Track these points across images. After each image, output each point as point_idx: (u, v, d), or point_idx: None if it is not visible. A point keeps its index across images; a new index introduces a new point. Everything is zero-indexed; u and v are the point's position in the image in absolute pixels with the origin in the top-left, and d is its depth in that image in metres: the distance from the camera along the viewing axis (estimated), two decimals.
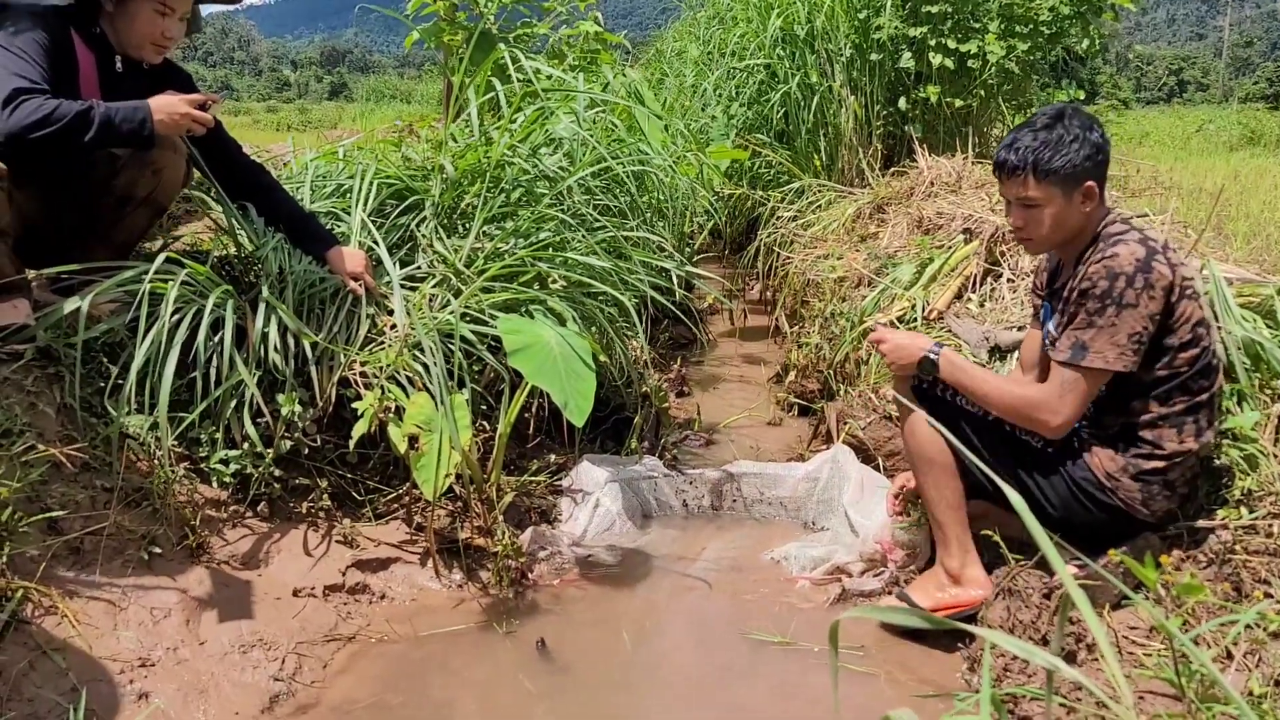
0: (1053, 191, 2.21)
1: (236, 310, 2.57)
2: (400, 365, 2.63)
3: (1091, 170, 2.21)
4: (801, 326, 4.66)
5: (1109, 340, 2.13)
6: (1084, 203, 2.23)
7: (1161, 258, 2.14)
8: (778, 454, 3.66)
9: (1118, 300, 2.11)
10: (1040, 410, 2.19)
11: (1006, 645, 1.05)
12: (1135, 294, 2.11)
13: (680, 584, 2.77)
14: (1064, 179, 2.20)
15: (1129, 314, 2.11)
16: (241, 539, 2.50)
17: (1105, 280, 2.12)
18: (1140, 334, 2.12)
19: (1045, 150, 2.20)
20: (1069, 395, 2.17)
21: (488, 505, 2.74)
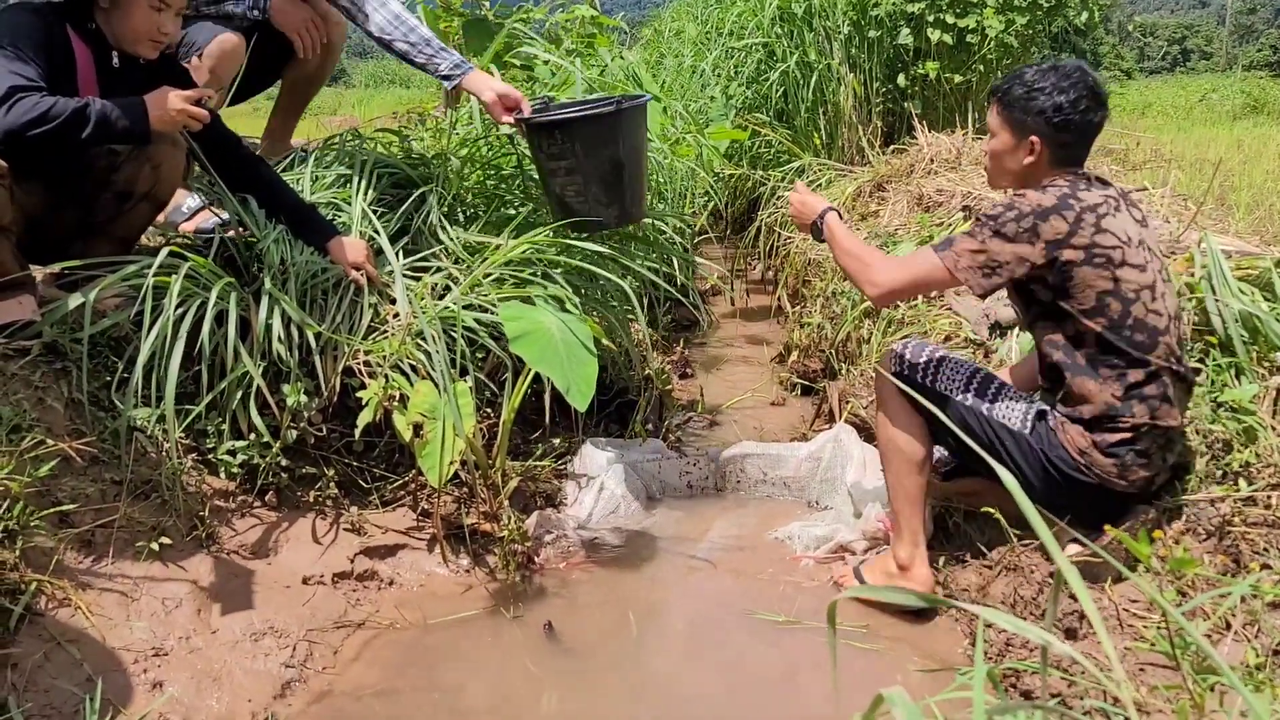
0: (1002, 126, 2.30)
1: (240, 302, 2.58)
2: (403, 354, 2.65)
3: (1042, 129, 2.24)
4: (803, 306, 4.67)
5: (969, 251, 2.21)
6: (1026, 156, 2.27)
7: (1069, 214, 2.14)
8: (781, 434, 3.67)
9: (998, 227, 2.19)
10: (871, 271, 2.32)
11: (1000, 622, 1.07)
12: (1015, 229, 2.17)
13: (685, 565, 2.80)
14: (1014, 121, 2.27)
15: (997, 243, 2.18)
16: (250, 529, 2.53)
17: (1001, 207, 2.20)
18: (998, 267, 2.18)
19: (1017, 87, 2.27)
20: (904, 268, 2.28)
21: (493, 491, 2.76)
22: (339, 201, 3.13)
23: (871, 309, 3.77)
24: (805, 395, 4.15)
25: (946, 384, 2.39)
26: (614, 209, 3.00)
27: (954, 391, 2.38)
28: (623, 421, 3.50)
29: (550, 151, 2.93)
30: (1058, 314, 2.21)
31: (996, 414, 2.33)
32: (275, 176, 2.89)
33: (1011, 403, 2.33)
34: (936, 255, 2.25)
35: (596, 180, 2.93)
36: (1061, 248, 2.15)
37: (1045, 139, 2.24)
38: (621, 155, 2.92)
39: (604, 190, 2.95)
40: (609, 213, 3.00)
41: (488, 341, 2.83)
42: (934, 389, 2.39)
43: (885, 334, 3.61)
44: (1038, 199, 2.17)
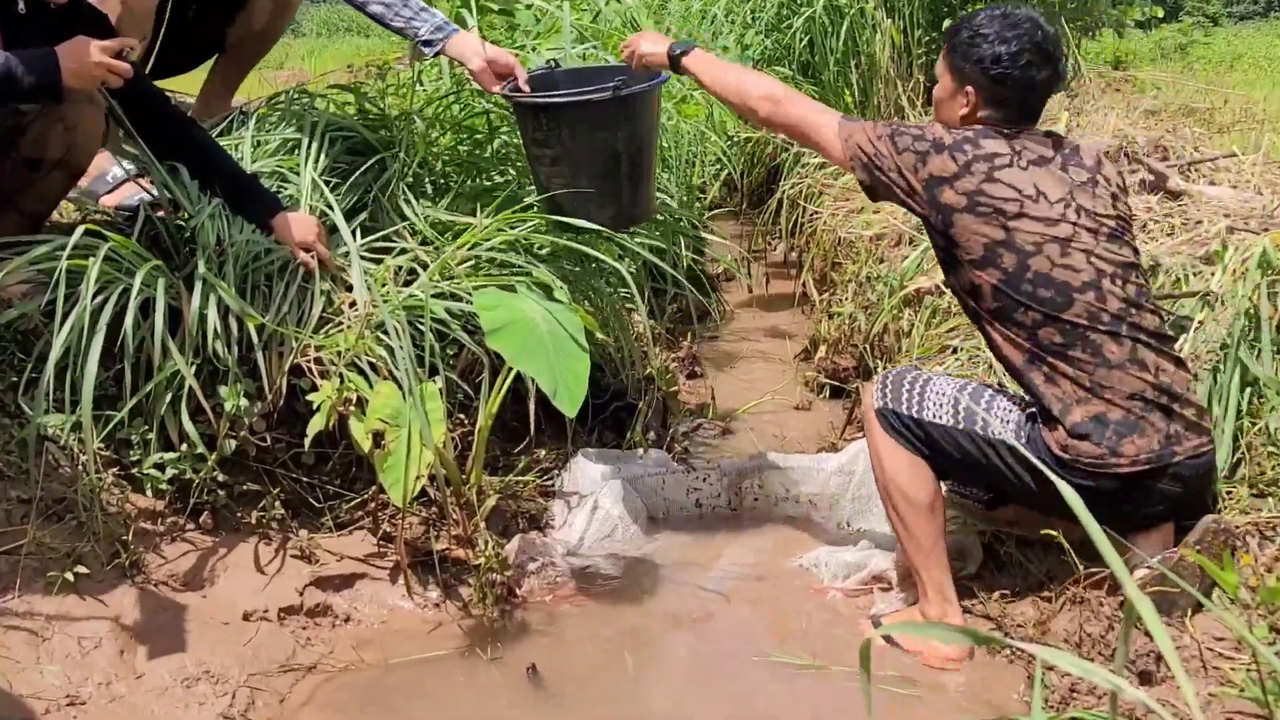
0: (945, 71, 2.50)
1: (169, 290, 2.58)
2: (361, 350, 2.65)
3: (979, 79, 2.42)
4: (832, 293, 4.67)
5: (866, 134, 2.46)
6: (962, 107, 2.46)
7: (960, 157, 2.36)
8: (806, 444, 3.68)
9: (897, 134, 2.43)
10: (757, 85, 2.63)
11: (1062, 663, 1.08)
12: (908, 143, 2.41)
13: (693, 597, 2.80)
14: (955, 68, 2.46)
15: (889, 145, 2.43)
16: (182, 555, 2.53)
17: (911, 124, 2.47)
18: (878, 169, 2.44)
19: (964, 30, 2.46)
20: (804, 104, 2.61)
21: (467, 511, 2.76)
22: (285, 171, 3.13)
23: (912, 296, 3.77)
24: (835, 398, 4.15)
25: (934, 410, 2.44)
26: (608, 209, 2.98)
27: (943, 417, 2.43)
28: (620, 429, 3.50)
29: (535, 136, 2.93)
30: (953, 262, 2.42)
31: (993, 430, 2.38)
32: (210, 141, 2.89)
33: (1005, 412, 2.40)
34: (839, 119, 2.53)
35: (587, 174, 2.91)
36: (942, 186, 2.36)
37: (980, 91, 2.43)
38: (619, 146, 2.88)
39: (596, 185, 2.93)
40: (601, 213, 2.98)
41: (461, 335, 2.83)
42: (921, 419, 2.44)
43: (929, 325, 3.61)
44: (942, 133, 2.41)
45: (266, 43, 3.75)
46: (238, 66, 3.73)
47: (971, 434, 2.39)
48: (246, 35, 3.62)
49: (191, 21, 3.42)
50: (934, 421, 2.43)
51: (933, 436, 2.43)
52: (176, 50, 3.34)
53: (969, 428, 2.40)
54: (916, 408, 2.45)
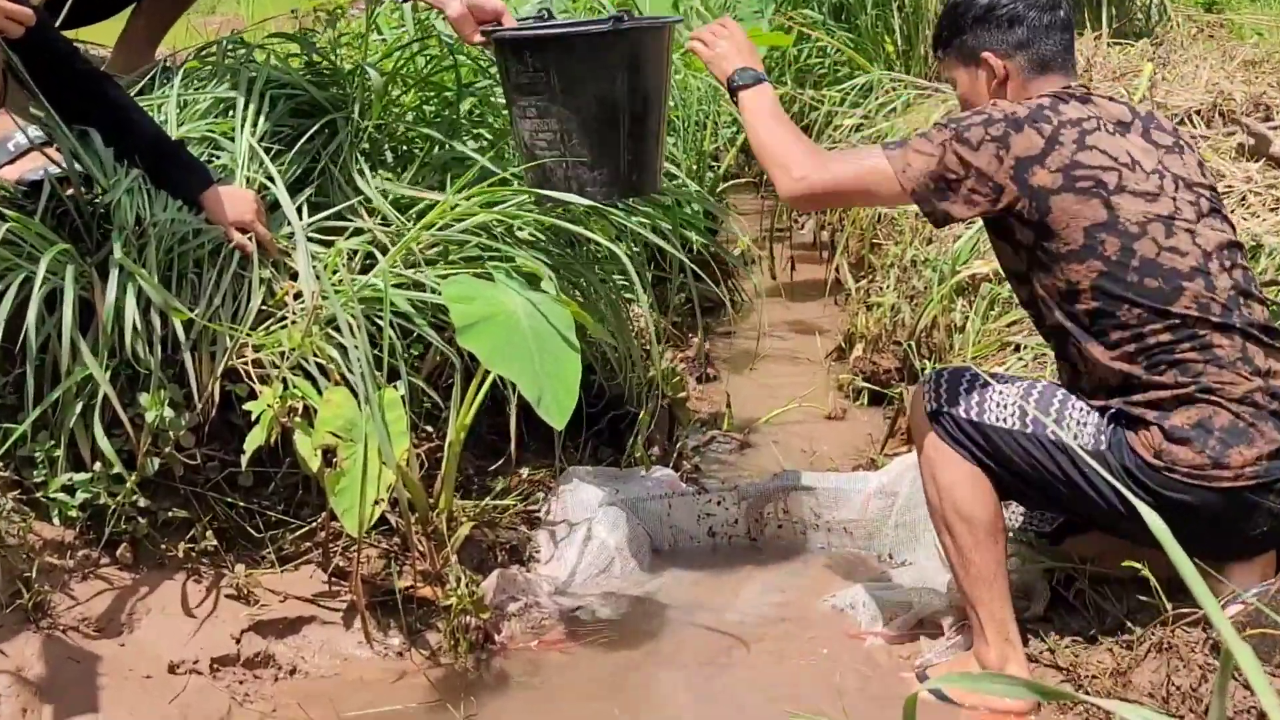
0: (954, 67, 2.57)
1: (80, 278, 2.57)
2: (308, 350, 2.65)
3: (985, 37, 2.48)
4: (871, 280, 4.67)
5: (923, 154, 2.39)
6: (991, 81, 2.49)
7: (1045, 126, 2.34)
8: (840, 460, 3.68)
9: (961, 130, 2.37)
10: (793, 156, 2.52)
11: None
12: (982, 135, 2.36)
13: (705, 644, 2.79)
14: (958, 51, 2.53)
15: (959, 150, 2.36)
16: (95, 595, 2.52)
17: (968, 113, 2.42)
18: (955, 183, 2.38)
19: (944, 19, 2.56)
20: (839, 162, 2.54)
21: (436, 542, 2.76)
22: (217, 136, 3.13)
23: (966, 284, 3.77)
24: (874, 405, 4.15)
25: (997, 414, 2.44)
26: (601, 171, 2.89)
27: (1007, 421, 2.42)
28: (618, 443, 3.50)
29: (519, 82, 2.87)
30: (1043, 262, 2.40)
31: (1067, 435, 2.37)
32: (128, 101, 2.89)
33: (1081, 414, 2.39)
34: (885, 153, 2.44)
35: (579, 130, 2.85)
36: (1032, 168, 2.34)
37: (999, 50, 2.47)
38: (620, 96, 2.83)
39: (589, 143, 2.87)
40: (594, 177, 2.89)
41: (427, 332, 2.83)
42: (982, 424, 2.43)
43: (985, 318, 3.61)
44: (1011, 107, 2.39)
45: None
46: (162, 13, 3.72)
47: (1041, 440, 2.38)
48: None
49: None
50: (997, 426, 2.42)
51: (996, 444, 2.42)
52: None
53: (1038, 432, 2.39)
54: (976, 410, 2.44)
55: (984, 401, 2.45)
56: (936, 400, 2.49)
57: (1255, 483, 2.25)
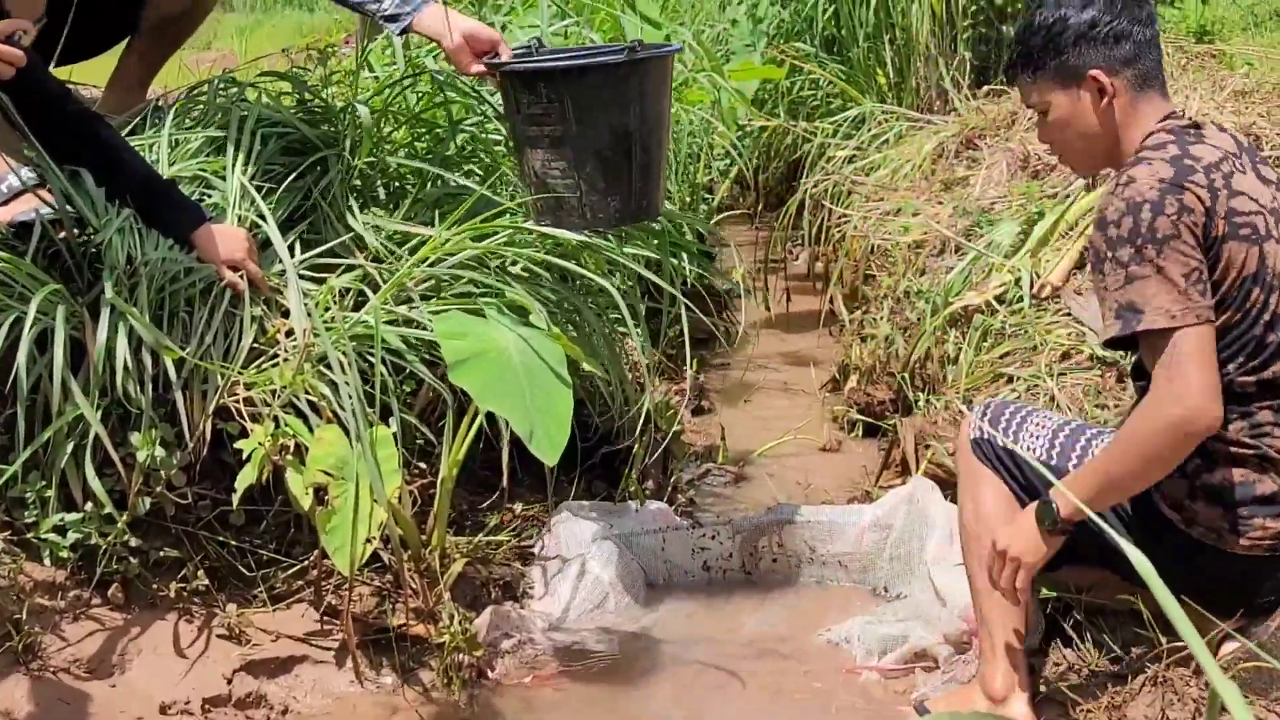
0: (1050, 90, 2.36)
1: (71, 318, 2.58)
2: (300, 388, 2.65)
3: (1090, 55, 2.31)
4: (865, 311, 4.67)
5: (1162, 289, 2.13)
6: (1099, 101, 2.32)
7: (1201, 177, 2.19)
8: (835, 493, 3.67)
9: (1150, 236, 2.14)
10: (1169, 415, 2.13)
11: None
12: (1171, 222, 2.15)
13: (700, 679, 2.78)
14: (1057, 72, 2.33)
15: (1172, 249, 2.14)
16: (86, 636, 2.51)
17: (1128, 216, 2.16)
18: (1198, 269, 2.16)
19: (1033, 40, 2.35)
20: (1177, 372, 2.12)
21: (428, 579, 2.75)
22: (209, 175, 3.14)
23: (959, 315, 3.77)
24: (869, 437, 4.15)
25: (1029, 443, 2.47)
26: (614, 199, 2.92)
27: (1037, 449, 2.45)
28: (612, 477, 3.50)
29: (531, 113, 2.88)
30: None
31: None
32: (119, 141, 2.90)
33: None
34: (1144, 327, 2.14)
35: (593, 158, 2.86)
36: (1212, 219, 2.18)
37: (1105, 67, 2.32)
38: (632, 125, 2.85)
39: (603, 174, 2.88)
40: (607, 205, 2.92)
41: (419, 369, 2.83)
42: (1015, 454, 2.46)
43: (979, 350, 3.61)
44: (1150, 172, 2.20)
45: (189, 24, 3.76)
46: (154, 52, 3.74)
47: (1062, 472, 2.38)
48: (165, 15, 3.63)
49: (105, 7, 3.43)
50: (1026, 455, 2.44)
51: (1026, 473, 2.45)
52: (81, 33, 3.34)
53: (1061, 464, 2.40)
54: (1012, 438, 2.48)
55: (1020, 431, 2.48)
56: (980, 429, 2.52)
57: (1269, 554, 2.23)
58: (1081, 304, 3.40)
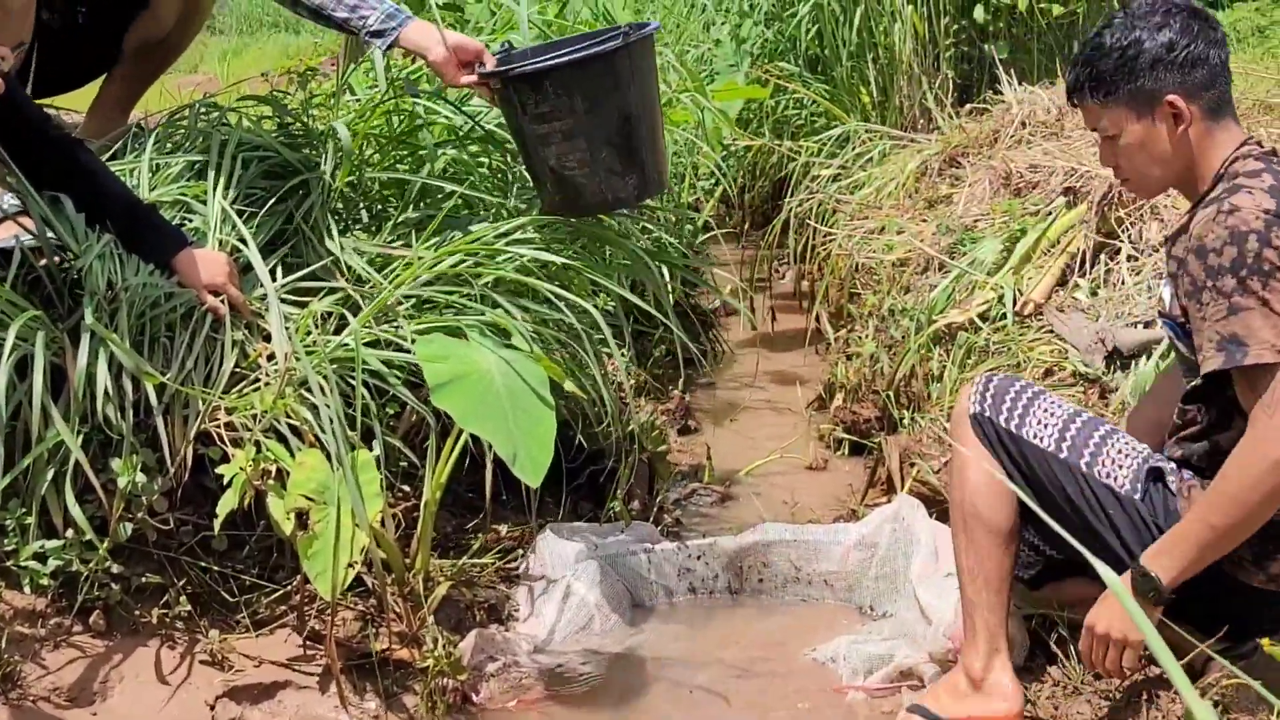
0: (1122, 115, 2.30)
1: (51, 344, 2.57)
2: (281, 411, 2.64)
3: (1166, 79, 2.25)
4: (850, 329, 4.69)
5: (1266, 322, 2.07)
6: (1175, 126, 2.27)
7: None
8: (821, 511, 3.67)
9: (1256, 267, 2.09)
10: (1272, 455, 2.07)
11: None
12: (1278, 253, 2.09)
13: (686, 700, 2.78)
14: (1130, 97, 2.27)
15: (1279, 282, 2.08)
16: (67, 664, 2.49)
17: (1232, 245, 2.11)
18: None
19: (1104, 62, 2.28)
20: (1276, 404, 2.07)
21: (412, 603, 2.74)
22: (190, 199, 3.14)
23: (943, 333, 3.78)
24: (855, 455, 4.15)
25: (1035, 430, 2.42)
26: (632, 177, 3.11)
27: (1045, 441, 2.40)
28: (598, 498, 3.50)
29: (539, 112, 3.01)
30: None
31: (1099, 471, 2.34)
32: (100, 167, 2.89)
33: (1119, 455, 2.35)
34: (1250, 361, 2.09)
35: (605, 143, 3.04)
36: None
37: (1182, 90, 2.26)
38: (633, 105, 3.02)
39: (618, 155, 3.07)
40: (626, 185, 3.11)
41: (402, 391, 2.83)
42: (1019, 436, 2.42)
43: (963, 368, 3.62)
44: (1254, 202, 2.14)
45: (172, 50, 3.78)
46: (136, 77, 3.75)
47: (1072, 468, 2.36)
48: (147, 40, 3.64)
49: (82, 26, 3.44)
50: (1032, 443, 2.41)
51: (1028, 460, 2.41)
52: (64, 64, 3.35)
53: (1072, 460, 2.36)
54: (1016, 422, 2.43)
55: (1026, 415, 2.43)
56: (980, 403, 2.48)
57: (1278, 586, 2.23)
58: (1063, 320, 3.41)
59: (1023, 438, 2.42)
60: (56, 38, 3.31)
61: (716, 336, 5.34)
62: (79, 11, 3.45)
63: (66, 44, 3.34)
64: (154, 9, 3.60)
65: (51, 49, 3.31)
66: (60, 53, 3.33)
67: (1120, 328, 3.25)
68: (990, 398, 2.48)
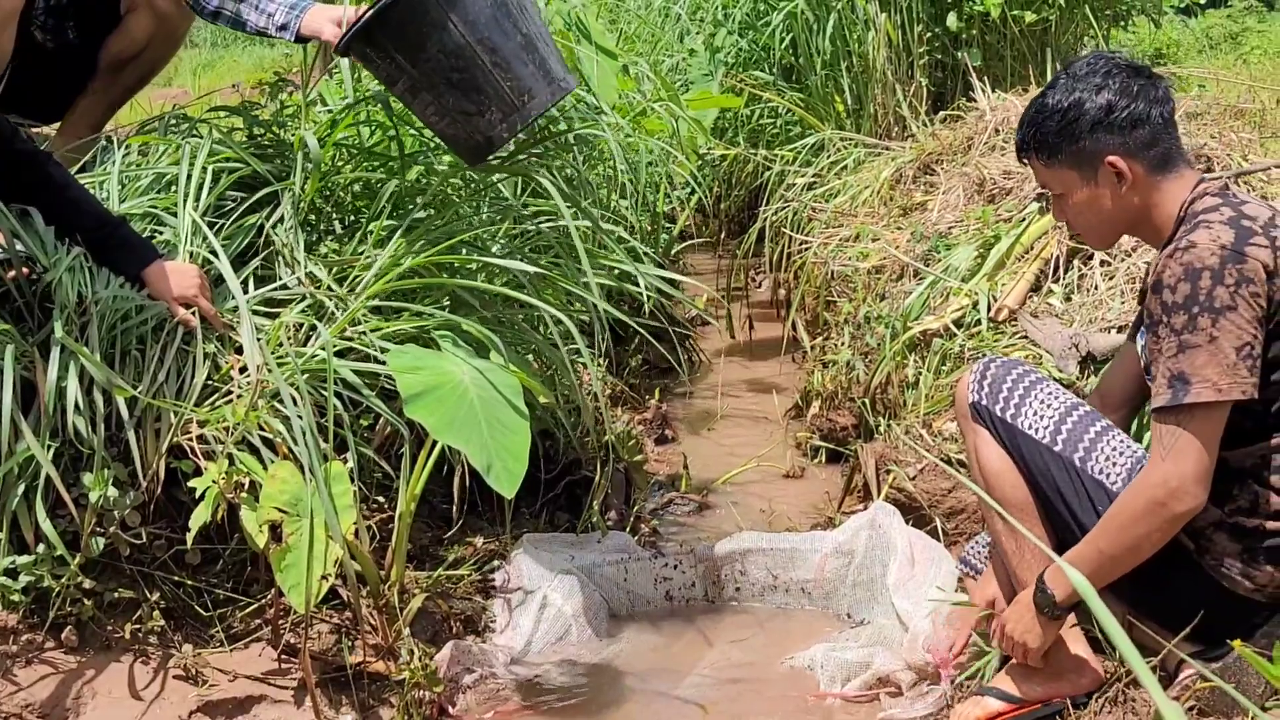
0: (1067, 176, 2.35)
1: (20, 358, 2.56)
2: (253, 424, 2.63)
3: (1107, 140, 2.29)
4: (827, 337, 4.70)
5: (1211, 360, 2.12)
6: (1118, 186, 2.31)
7: (1261, 238, 2.16)
8: (798, 519, 3.68)
9: (1208, 304, 2.12)
10: (1153, 497, 2.15)
11: None
12: (1229, 292, 2.12)
13: (663, 709, 2.79)
14: (1072, 158, 2.32)
15: (1229, 320, 2.12)
16: (39, 680, 2.48)
17: (1186, 282, 2.14)
18: (1250, 344, 2.13)
19: (1047, 123, 2.33)
20: (1175, 455, 2.14)
21: (388, 615, 2.73)
22: (160, 211, 3.13)
23: (918, 341, 3.79)
24: (831, 463, 4.16)
25: (1031, 421, 2.43)
26: (492, 112, 2.91)
27: (1039, 432, 2.42)
28: (575, 509, 3.49)
29: (386, 76, 2.94)
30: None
31: (1091, 467, 2.35)
32: (69, 180, 2.88)
33: (1114, 453, 2.36)
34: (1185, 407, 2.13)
35: (448, 87, 2.88)
36: (1274, 282, 2.15)
37: (1123, 151, 2.30)
38: (458, 36, 2.81)
39: (465, 96, 2.89)
40: (490, 121, 2.91)
41: (375, 402, 2.82)
42: (1014, 426, 2.44)
43: (938, 374, 3.63)
44: (1210, 237, 2.16)
45: (146, 69, 3.77)
46: (109, 92, 3.75)
47: (1066, 462, 2.37)
48: (120, 56, 3.64)
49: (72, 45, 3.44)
50: (1026, 433, 2.42)
51: (1020, 449, 2.42)
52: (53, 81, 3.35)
53: (1066, 454, 2.38)
54: (1012, 412, 2.44)
55: (1022, 405, 2.44)
56: (979, 391, 2.50)
57: (1266, 598, 2.24)
58: (1037, 326, 3.42)
59: (1018, 428, 2.43)
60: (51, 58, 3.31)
61: (693, 346, 5.35)
62: (68, 27, 3.45)
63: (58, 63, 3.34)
64: (126, 25, 3.60)
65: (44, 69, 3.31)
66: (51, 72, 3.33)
67: (1094, 332, 3.27)
68: (987, 386, 2.49)
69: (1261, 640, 2.20)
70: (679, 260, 5.99)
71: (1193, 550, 2.26)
